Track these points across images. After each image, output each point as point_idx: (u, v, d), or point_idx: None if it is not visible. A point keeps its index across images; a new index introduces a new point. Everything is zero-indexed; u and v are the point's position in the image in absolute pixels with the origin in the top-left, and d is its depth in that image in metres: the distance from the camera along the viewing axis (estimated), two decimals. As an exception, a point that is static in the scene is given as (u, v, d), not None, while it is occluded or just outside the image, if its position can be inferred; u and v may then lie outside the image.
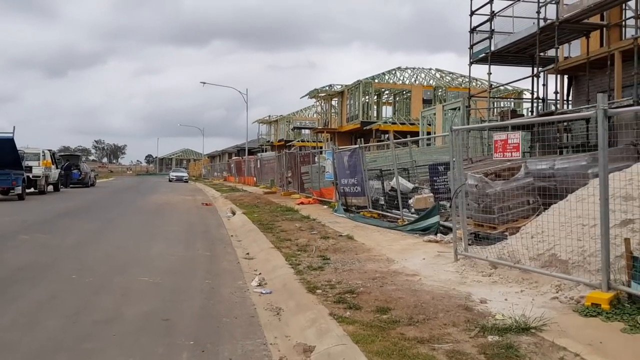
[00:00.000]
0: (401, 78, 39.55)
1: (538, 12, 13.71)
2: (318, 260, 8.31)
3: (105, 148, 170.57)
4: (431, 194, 13.26)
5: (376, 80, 37.59)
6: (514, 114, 16.23)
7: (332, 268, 7.65)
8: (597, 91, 15.68)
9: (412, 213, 13.19)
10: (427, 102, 37.15)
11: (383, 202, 14.65)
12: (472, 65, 17.51)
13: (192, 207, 20.84)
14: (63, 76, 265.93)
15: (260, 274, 7.94)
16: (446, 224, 11.13)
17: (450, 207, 13.86)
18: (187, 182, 55.53)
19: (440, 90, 37.58)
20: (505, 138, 6.69)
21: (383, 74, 39.07)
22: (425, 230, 10.90)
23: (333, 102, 42.59)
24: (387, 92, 40.67)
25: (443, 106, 23.70)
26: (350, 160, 15.65)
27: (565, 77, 16.16)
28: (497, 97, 24.66)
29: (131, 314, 5.79)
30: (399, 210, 13.70)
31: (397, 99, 40.41)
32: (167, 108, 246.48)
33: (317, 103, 44.66)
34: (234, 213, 17.85)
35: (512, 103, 26.00)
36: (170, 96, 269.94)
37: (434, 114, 24.62)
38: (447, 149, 20.60)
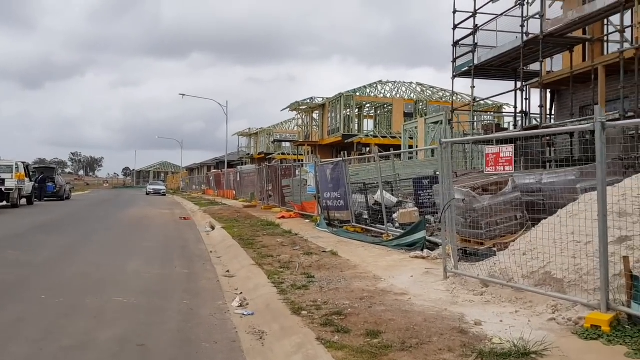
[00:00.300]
0: (382, 91, 39.58)
1: (522, 26, 13.68)
2: (302, 278, 7.97)
3: (82, 160, 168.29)
4: (416, 209, 13.03)
5: (358, 94, 37.55)
6: (498, 127, 16.17)
7: (318, 287, 7.32)
8: (580, 105, 15.71)
9: (396, 228, 12.95)
10: (408, 116, 37.17)
11: (367, 217, 14.38)
12: (455, 78, 17.43)
13: (170, 221, 20.34)
14: (40, 87, 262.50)
15: (241, 293, 7.57)
16: (432, 239, 10.90)
17: (435, 222, 13.68)
18: (165, 195, 54.73)
19: (421, 103, 37.66)
20: (497, 151, 6.46)
21: (365, 87, 39.06)
22: (411, 246, 10.64)
23: (314, 115, 42.43)
24: (368, 105, 40.64)
25: (425, 120, 23.65)
26: (333, 173, 15.38)
27: (548, 91, 16.12)
28: (478, 111, 24.66)
29: (104, 339, 5.39)
30: (383, 225, 13.44)
31: (379, 112, 40.39)
32: (146, 120, 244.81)
33: (298, 116, 44.44)
34: (213, 228, 17.42)
35: (494, 117, 26.02)
36: (149, 108, 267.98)
37: (416, 127, 24.54)
38: (430, 162, 20.52)
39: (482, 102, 36.83)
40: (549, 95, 16.51)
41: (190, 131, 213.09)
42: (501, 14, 15.63)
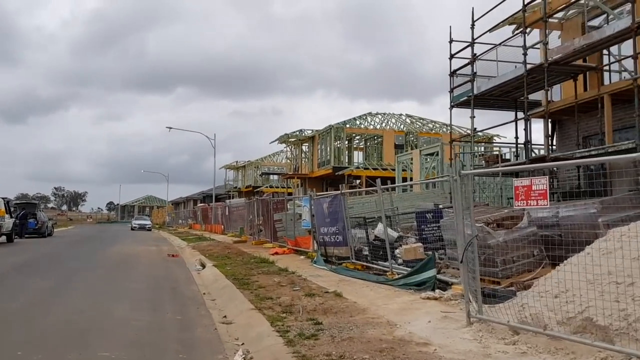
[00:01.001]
0: (372, 123, 39.31)
1: (525, 54, 13.32)
2: (309, 325, 7.22)
3: (65, 195, 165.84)
4: (420, 244, 12.39)
5: (348, 125, 37.21)
6: (500, 159, 15.69)
7: (328, 336, 6.58)
8: (584, 135, 15.31)
9: (399, 264, 12.29)
10: (398, 147, 36.84)
11: (367, 253, 13.70)
12: (453, 108, 17.00)
13: (158, 258, 19.44)
14: (23, 122, 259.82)
15: (243, 344, 6.81)
16: (441, 277, 10.24)
17: (440, 258, 13.02)
18: (150, 230, 53.54)
19: (411, 135, 37.36)
20: (528, 184, 5.86)
21: (354, 119, 38.78)
22: (419, 285, 9.95)
23: (303, 147, 41.96)
24: (358, 137, 40.29)
25: (420, 151, 23.23)
26: (330, 207, 14.72)
27: (549, 121, 15.74)
28: (474, 142, 24.29)
29: (88, 408, 4.60)
30: (385, 262, 12.77)
31: (369, 144, 40.04)
32: (130, 154, 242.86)
33: (287, 148, 43.96)
34: (203, 265, 16.59)
35: (491, 148, 25.55)
36: (134, 142, 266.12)
37: (411, 159, 24.09)
38: (427, 195, 19.96)
39: (478, 133, 36.74)
40: (549, 125, 16.10)
41: (175, 165, 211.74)
42: (500, 44, 15.33)
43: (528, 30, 15.68)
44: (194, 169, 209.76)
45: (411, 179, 23.93)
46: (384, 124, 39.48)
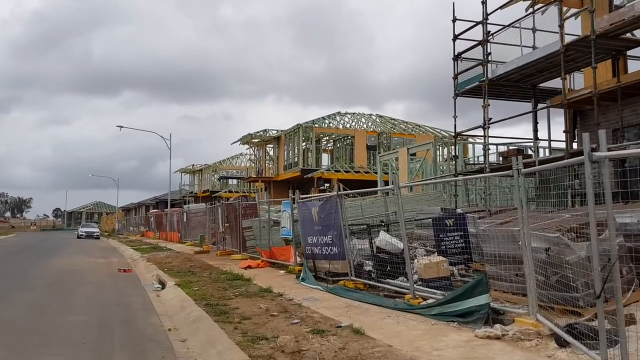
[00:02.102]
0: (342, 122, 36.83)
1: (561, 27, 11.03)
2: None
3: (9, 201, 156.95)
4: (443, 258, 9.89)
5: (316, 125, 34.58)
6: (520, 154, 13.47)
7: None
8: (613, 128, 13.21)
9: (415, 283, 9.83)
10: (371, 149, 34.49)
11: (371, 268, 11.13)
12: (457, 97, 14.65)
13: (106, 274, 16.30)
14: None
15: None
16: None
17: (463, 275, 10.56)
18: (98, 238, 49.47)
19: (384, 135, 35.06)
20: None
21: (323, 118, 36.19)
22: (463, 316, 7.43)
23: (268, 149, 39.09)
24: (325, 138, 37.73)
25: (408, 149, 20.87)
26: (322, 212, 12.09)
27: (566, 112, 13.59)
28: (461, 141, 22.09)
29: None
30: (395, 279, 10.28)
31: (338, 145, 37.49)
32: (77, 159, 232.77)
33: (250, 150, 40.93)
34: (163, 284, 13.66)
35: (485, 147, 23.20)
36: (81, 147, 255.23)
37: (396, 158, 21.68)
38: (422, 196, 17.57)
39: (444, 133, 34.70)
40: (567, 116, 13.95)
41: (125, 170, 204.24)
42: (517, 21, 13.06)
43: (540, 7, 13.57)
44: (145, 174, 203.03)
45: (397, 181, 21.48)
46: (354, 124, 37.06)
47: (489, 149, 13.90)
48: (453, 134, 15.40)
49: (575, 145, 13.89)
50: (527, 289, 6.82)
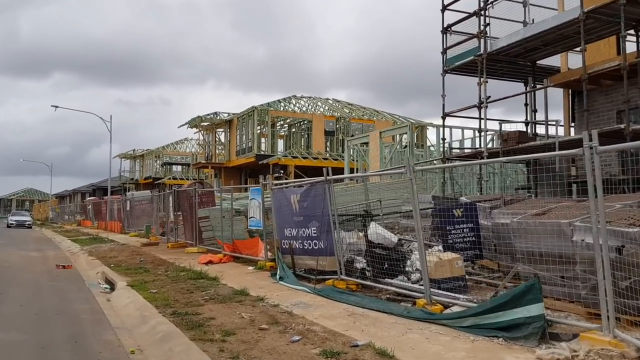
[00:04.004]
0: (298, 106, 35.02)
1: (582, -7, 9.76)
2: None
3: None
4: (456, 255, 8.47)
5: (272, 108, 32.62)
6: (524, 135, 12.23)
7: None
8: (618, 110, 12.18)
9: (420, 284, 8.44)
10: (329, 134, 32.95)
11: (364, 266, 9.58)
12: (446, 74, 13.24)
13: (42, 272, 14.06)
14: None
15: None
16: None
17: (470, 273, 9.23)
18: (30, 227, 45.90)
19: (342, 121, 33.50)
20: None
21: (278, 101, 34.26)
22: (507, 330, 6.01)
23: (218, 133, 36.75)
24: (280, 122, 35.84)
25: (381, 133, 19.39)
26: (304, 200, 10.45)
27: (569, 92, 12.45)
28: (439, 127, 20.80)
29: None
30: (392, 279, 8.82)
31: (294, 130, 35.67)
32: (5, 143, 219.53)
33: (199, 133, 38.45)
34: (111, 284, 11.68)
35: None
36: (9, 131, 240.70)
37: (366, 143, 20.17)
38: (401, 184, 16.16)
39: (401, 118, 33.45)
40: (562, 96, 12.84)
41: (58, 156, 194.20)
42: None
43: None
44: (79, 161, 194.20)
45: (364, 170, 20.05)
46: (310, 108, 35.31)
47: (486, 131, 12.51)
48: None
49: (572, 131, 12.79)
50: (600, 297, 5.44)
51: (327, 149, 33.22)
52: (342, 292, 8.91)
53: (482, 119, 12.20)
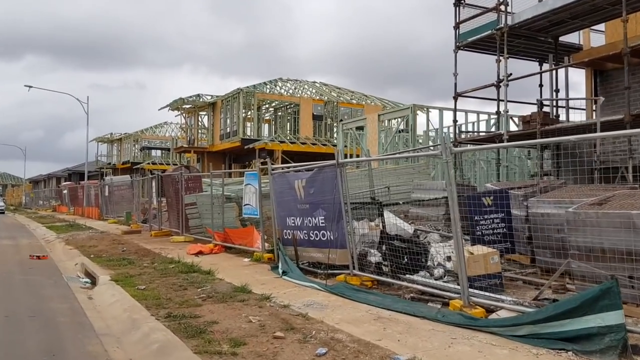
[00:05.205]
0: (284, 89, 33.71)
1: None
2: None
3: None
4: (492, 250, 7.50)
5: (258, 91, 31.28)
6: (547, 117, 11.29)
7: None
8: (646, 90, 11.30)
9: (444, 281, 7.51)
10: (317, 118, 31.79)
11: (379, 260, 8.56)
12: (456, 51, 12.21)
13: (14, 263, 12.81)
14: None
15: None
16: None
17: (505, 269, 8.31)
18: (3, 212, 44.20)
19: (331, 104, 32.34)
20: None
21: (264, 83, 32.90)
22: (575, 341, 5.06)
23: (201, 116, 35.30)
24: (265, 105, 34.52)
25: (379, 116, 18.33)
26: (311, 186, 9.38)
27: (590, 71, 11.56)
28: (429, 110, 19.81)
29: None
30: (413, 275, 7.85)
31: (280, 114, 34.39)
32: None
33: (180, 116, 36.93)
34: (93, 278, 10.51)
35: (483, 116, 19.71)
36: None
37: (361, 127, 19.07)
38: (406, 169, 15.21)
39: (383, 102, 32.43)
40: (584, 76, 11.93)
41: (31, 140, 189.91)
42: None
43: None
44: (53, 145, 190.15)
45: (357, 155, 19.01)
46: (297, 91, 34.05)
47: (507, 112, 11.49)
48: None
49: (593, 114, 11.90)
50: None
51: (317, 133, 32.09)
52: (359, 290, 7.90)
53: (502, 100, 11.21)
